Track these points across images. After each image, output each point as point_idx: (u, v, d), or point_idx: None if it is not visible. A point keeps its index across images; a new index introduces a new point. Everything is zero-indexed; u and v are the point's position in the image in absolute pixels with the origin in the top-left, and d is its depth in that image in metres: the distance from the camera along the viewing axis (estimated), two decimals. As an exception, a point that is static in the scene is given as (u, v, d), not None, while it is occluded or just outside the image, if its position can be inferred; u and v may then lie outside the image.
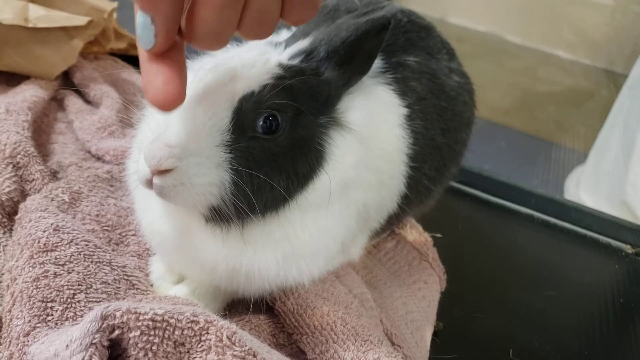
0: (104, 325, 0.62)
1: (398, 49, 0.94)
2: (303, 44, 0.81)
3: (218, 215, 0.73)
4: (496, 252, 1.26)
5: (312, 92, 0.77)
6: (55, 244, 0.84)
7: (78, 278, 0.81)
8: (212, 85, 0.73)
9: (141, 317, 0.64)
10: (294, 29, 0.92)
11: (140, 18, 0.58)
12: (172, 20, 0.59)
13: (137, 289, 0.87)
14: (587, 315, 1.15)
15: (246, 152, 0.71)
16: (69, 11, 1.34)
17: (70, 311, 0.77)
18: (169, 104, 0.59)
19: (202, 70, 0.76)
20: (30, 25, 1.26)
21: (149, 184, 0.70)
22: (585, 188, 2.40)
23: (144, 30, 0.58)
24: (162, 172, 0.69)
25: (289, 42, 0.83)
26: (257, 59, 0.78)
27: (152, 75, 0.60)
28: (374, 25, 0.77)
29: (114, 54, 1.57)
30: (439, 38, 1.02)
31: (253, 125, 0.72)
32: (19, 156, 1.04)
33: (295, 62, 0.78)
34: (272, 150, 0.73)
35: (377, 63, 0.89)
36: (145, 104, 0.88)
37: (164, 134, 0.70)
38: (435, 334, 0.99)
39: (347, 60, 0.79)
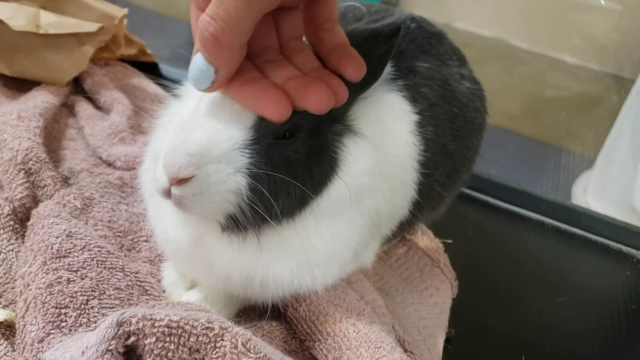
0: (120, 332, 0.63)
1: (408, 55, 0.94)
2: None
3: (235, 223, 0.73)
4: (507, 258, 1.26)
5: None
6: (68, 250, 0.84)
7: (91, 284, 0.81)
8: None
9: (157, 324, 0.64)
10: None
11: (200, 63, 0.62)
12: (233, 71, 0.65)
13: (149, 294, 0.87)
14: (599, 321, 1.14)
15: (265, 156, 0.71)
16: (80, 17, 1.35)
17: (84, 317, 0.77)
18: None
19: None
20: (41, 31, 1.27)
21: (167, 193, 0.70)
22: (592, 194, 2.39)
23: (202, 75, 0.63)
24: (181, 182, 0.68)
25: None
26: None
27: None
28: (383, 32, 0.77)
29: (124, 60, 1.58)
30: (450, 45, 1.02)
31: (272, 134, 0.72)
32: (31, 162, 1.04)
33: None
34: (290, 156, 0.72)
35: (388, 70, 0.89)
36: (158, 112, 0.88)
37: (185, 142, 0.69)
38: (447, 340, 0.99)
39: None
